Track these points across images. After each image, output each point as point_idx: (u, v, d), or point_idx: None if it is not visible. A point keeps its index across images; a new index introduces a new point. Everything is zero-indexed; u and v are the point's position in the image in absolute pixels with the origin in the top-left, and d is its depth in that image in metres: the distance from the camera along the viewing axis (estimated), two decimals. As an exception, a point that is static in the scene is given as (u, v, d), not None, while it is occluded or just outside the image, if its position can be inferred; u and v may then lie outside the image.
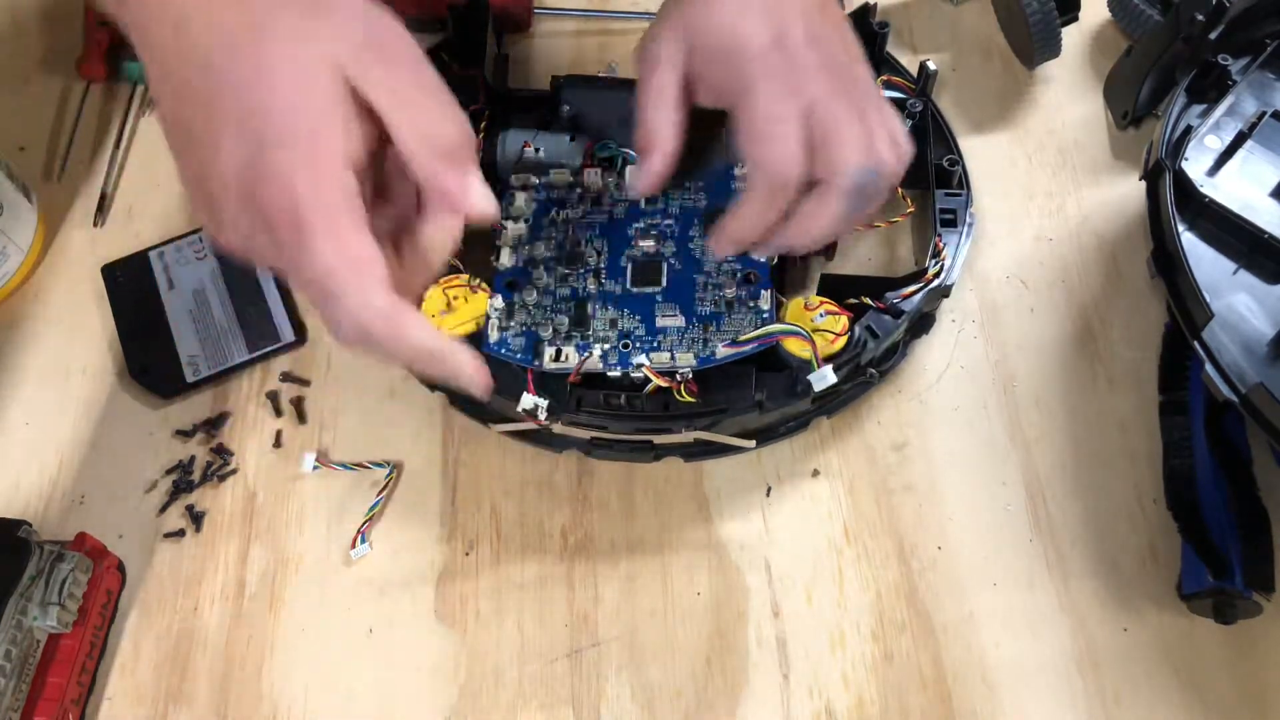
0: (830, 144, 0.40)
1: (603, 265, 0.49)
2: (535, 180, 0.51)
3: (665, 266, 0.49)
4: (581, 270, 0.49)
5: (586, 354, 0.46)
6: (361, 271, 0.34)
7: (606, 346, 0.47)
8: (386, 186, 0.38)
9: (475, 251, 0.53)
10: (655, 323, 0.47)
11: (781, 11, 0.41)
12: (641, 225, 0.50)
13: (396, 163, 0.37)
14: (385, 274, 0.34)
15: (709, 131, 0.46)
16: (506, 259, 0.49)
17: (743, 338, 0.46)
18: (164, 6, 0.35)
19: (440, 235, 0.37)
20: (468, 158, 0.36)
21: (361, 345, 0.35)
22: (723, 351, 0.46)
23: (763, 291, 0.47)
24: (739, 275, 0.48)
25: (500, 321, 0.47)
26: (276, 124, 0.33)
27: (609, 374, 0.46)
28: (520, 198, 0.51)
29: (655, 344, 0.47)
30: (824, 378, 0.45)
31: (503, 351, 0.47)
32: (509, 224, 0.50)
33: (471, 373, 0.37)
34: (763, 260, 0.48)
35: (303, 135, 0.33)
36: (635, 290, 0.48)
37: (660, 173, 0.43)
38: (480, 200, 0.37)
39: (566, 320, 0.47)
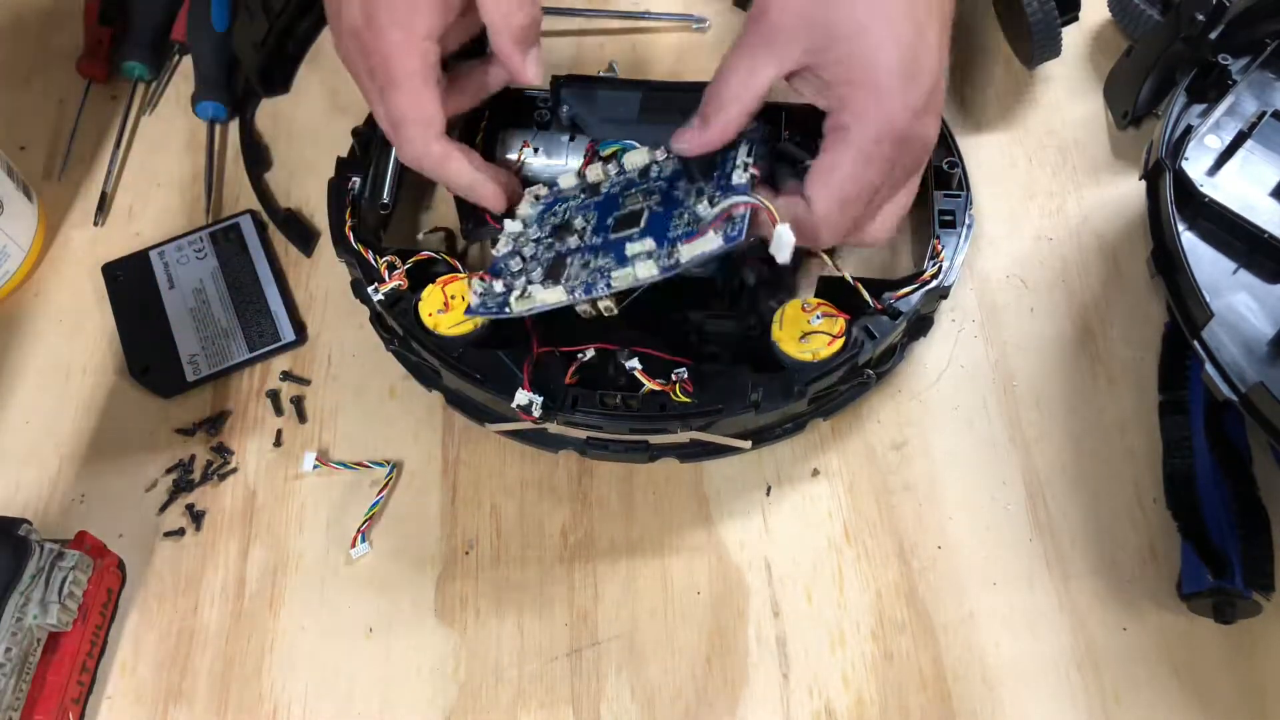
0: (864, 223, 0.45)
1: (589, 227, 0.48)
2: (543, 190, 0.51)
3: (646, 212, 0.47)
4: (567, 237, 0.48)
5: (556, 291, 0.45)
6: (425, 124, 0.45)
7: (575, 283, 0.45)
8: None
9: (476, 253, 0.53)
10: (625, 253, 0.45)
11: (920, 80, 0.41)
12: (633, 191, 0.48)
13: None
14: (442, 126, 0.46)
15: None
16: (503, 247, 0.49)
17: (702, 225, 0.42)
18: None
19: (494, 81, 0.50)
20: (533, 38, 0.47)
21: (420, 170, 0.47)
22: (684, 250, 0.42)
23: (736, 173, 0.44)
24: (716, 199, 0.44)
25: (484, 288, 0.47)
26: None
27: (578, 309, 0.46)
28: (526, 204, 0.51)
29: (611, 274, 0.44)
30: (781, 240, 0.40)
31: (481, 310, 0.47)
32: (509, 221, 0.50)
33: (491, 198, 0.49)
34: (742, 183, 0.44)
35: (401, 5, 0.43)
36: (614, 238, 0.46)
37: (711, 146, 0.45)
38: (534, 77, 0.47)
39: (542, 271, 0.47)
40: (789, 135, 0.56)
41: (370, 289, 0.49)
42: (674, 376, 0.45)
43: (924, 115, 0.42)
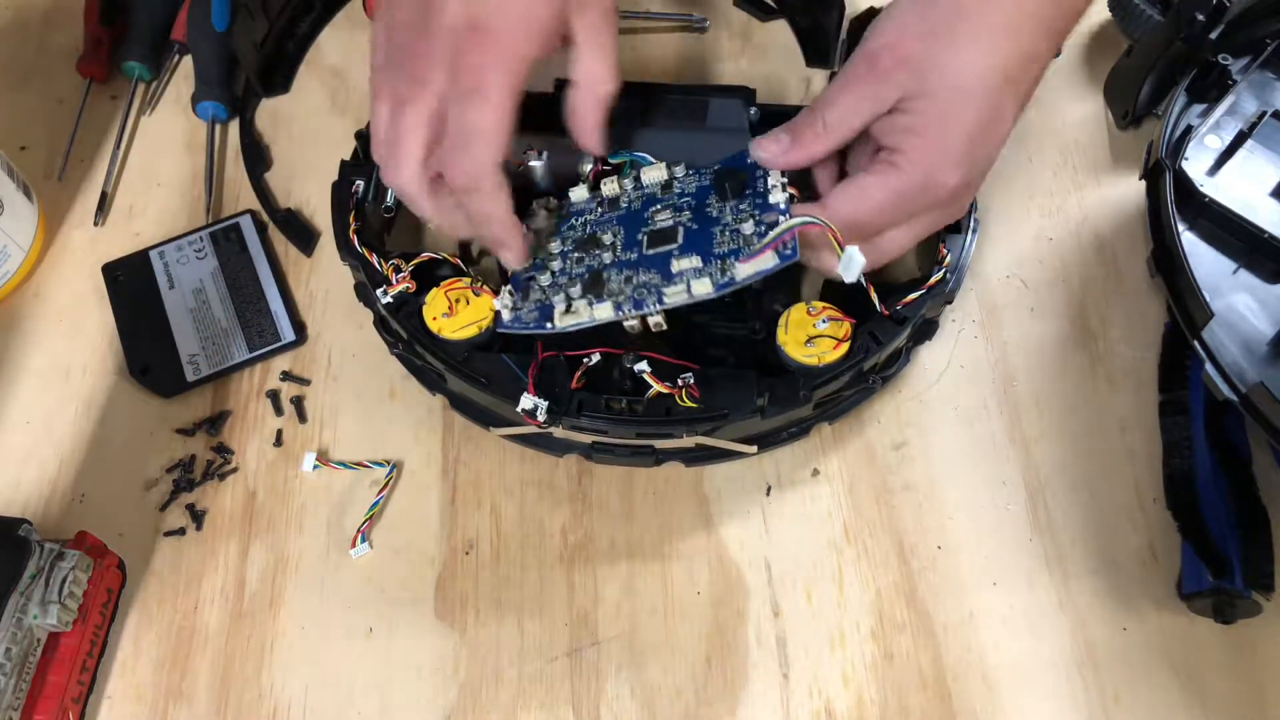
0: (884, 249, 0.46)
1: (618, 241, 0.47)
2: (553, 203, 0.51)
3: (681, 229, 0.47)
4: (596, 251, 0.47)
5: (594, 311, 0.45)
6: (498, 144, 0.42)
7: (620, 298, 0.45)
8: None
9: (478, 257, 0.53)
10: (670, 268, 0.45)
11: (978, 157, 0.43)
12: (658, 206, 0.48)
13: None
14: (508, 149, 0.43)
15: None
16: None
17: (758, 245, 0.43)
18: None
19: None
20: (609, 104, 0.46)
21: (465, 188, 0.43)
22: (742, 269, 0.43)
23: (781, 217, 0.44)
24: (758, 216, 0.45)
25: (515, 303, 0.47)
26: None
27: (625, 323, 0.45)
28: (541, 215, 0.50)
29: (662, 291, 0.44)
30: (851, 261, 0.41)
31: (516, 325, 0.46)
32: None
33: (519, 248, 0.47)
34: (780, 204, 0.45)
35: (516, 20, 0.42)
36: (650, 253, 0.46)
37: (793, 164, 0.45)
38: (602, 148, 0.47)
39: (580, 286, 0.46)
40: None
41: (379, 292, 0.49)
42: (680, 381, 0.45)
43: (968, 190, 0.44)
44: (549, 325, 0.45)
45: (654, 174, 0.49)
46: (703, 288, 0.43)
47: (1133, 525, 0.49)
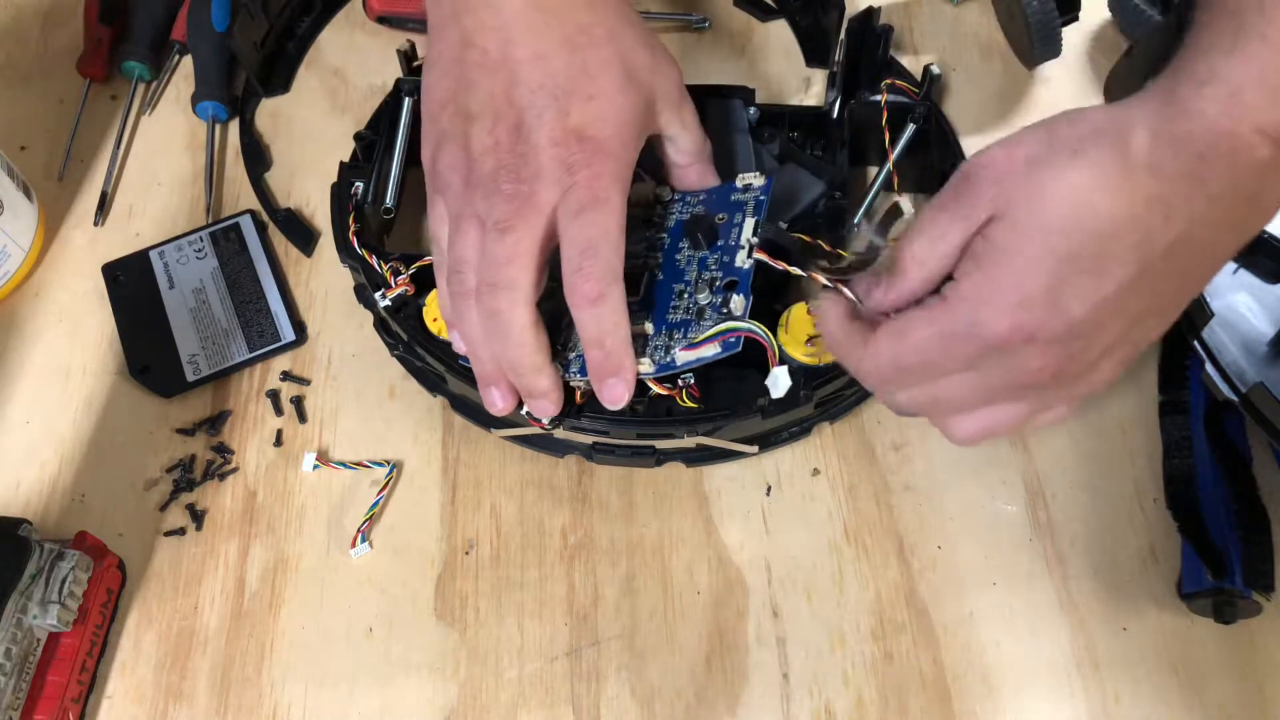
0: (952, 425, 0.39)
1: None
2: None
3: (646, 276, 0.46)
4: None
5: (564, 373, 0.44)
6: (622, 247, 0.41)
7: (572, 355, 0.44)
8: None
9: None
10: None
11: (1054, 309, 0.34)
12: (633, 239, 0.46)
13: None
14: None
15: None
16: None
17: (698, 338, 0.42)
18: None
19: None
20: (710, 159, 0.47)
21: (595, 299, 0.40)
22: (681, 355, 0.42)
23: (735, 297, 0.43)
24: (718, 282, 0.44)
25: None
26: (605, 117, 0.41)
27: (571, 384, 0.44)
28: None
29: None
30: (777, 381, 0.43)
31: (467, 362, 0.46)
32: None
33: (556, 395, 0.44)
34: (745, 267, 0.43)
35: (616, 123, 0.41)
36: None
37: (889, 305, 0.38)
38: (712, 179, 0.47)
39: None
40: (793, 138, 0.56)
41: (377, 294, 0.49)
42: (680, 381, 0.45)
43: (1032, 344, 0.34)
44: None
45: (641, 191, 0.47)
46: (644, 367, 0.43)
47: (1133, 525, 0.49)
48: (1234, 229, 0.35)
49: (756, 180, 0.46)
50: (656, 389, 0.45)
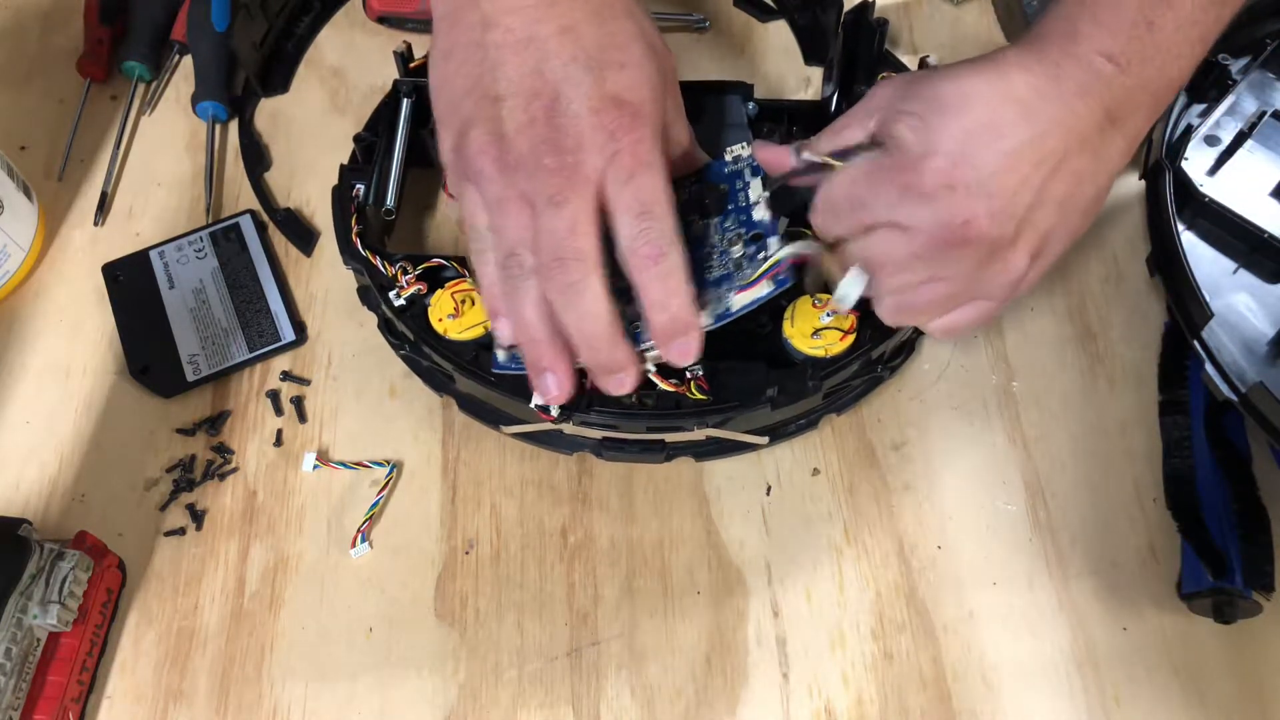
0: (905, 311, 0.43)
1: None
2: None
3: None
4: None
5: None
6: (674, 209, 0.41)
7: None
8: None
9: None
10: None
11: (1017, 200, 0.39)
12: None
13: None
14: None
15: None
16: None
17: (749, 279, 0.42)
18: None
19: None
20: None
21: (656, 257, 0.40)
22: (737, 299, 0.42)
23: (769, 240, 0.44)
24: (745, 236, 0.45)
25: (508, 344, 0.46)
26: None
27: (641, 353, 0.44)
28: None
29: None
30: (848, 291, 0.42)
31: (512, 366, 0.45)
32: None
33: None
34: (765, 219, 0.44)
35: (649, 88, 0.41)
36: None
37: (781, 165, 0.44)
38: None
39: None
40: (794, 132, 0.56)
41: (391, 294, 0.49)
42: (688, 375, 0.46)
43: (954, 191, 0.39)
44: None
45: None
46: (703, 319, 0.42)
47: (1133, 525, 0.49)
48: (1100, 134, 0.40)
49: (744, 150, 0.46)
50: (663, 385, 0.45)
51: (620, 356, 0.42)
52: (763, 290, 0.42)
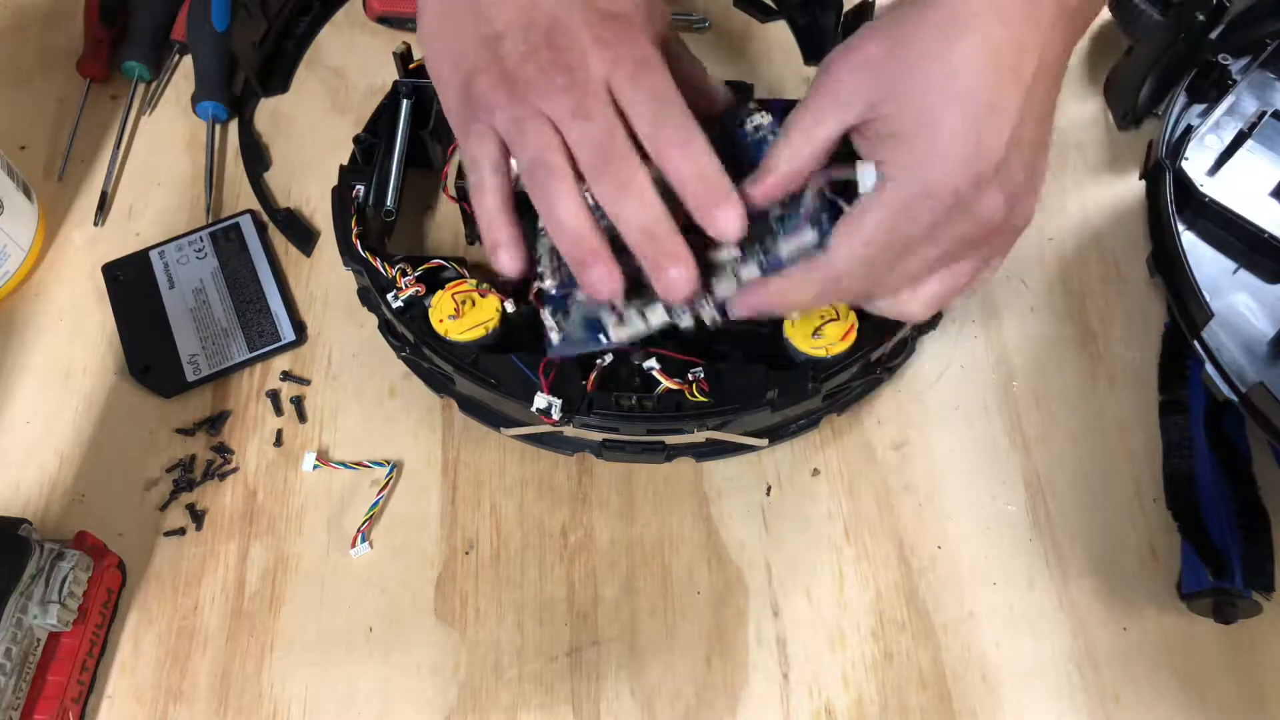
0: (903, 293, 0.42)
1: None
2: None
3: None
4: (623, 258, 0.43)
5: (645, 319, 0.43)
6: (679, 99, 0.40)
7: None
8: None
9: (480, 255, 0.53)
10: (709, 261, 0.43)
11: (983, 150, 0.38)
12: (671, 203, 0.47)
13: None
14: None
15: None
16: (550, 280, 0.46)
17: (791, 229, 0.42)
18: None
19: None
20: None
21: (681, 144, 0.40)
22: (785, 247, 0.42)
23: (804, 196, 0.43)
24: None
25: (560, 323, 0.45)
26: None
27: (681, 324, 0.44)
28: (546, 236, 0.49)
29: (712, 282, 0.43)
30: (866, 176, 0.41)
31: (566, 348, 0.44)
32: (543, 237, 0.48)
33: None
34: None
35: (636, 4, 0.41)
36: None
37: (771, 197, 0.42)
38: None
39: (622, 294, 0.44)
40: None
41: (390, 296, 0.49)
42: (690, 376, 0.46)
43: (985, 187, 0.38)
44: (604, 340, 0.43)
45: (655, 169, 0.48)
46: (750, 272, 0.43)
47: (1133, 525, 0.49)
48: (1062, 63, 0.40)
49: (765, 119, 0.46)
50: (666, 383, 0.45)
51: (679, 246, 0.41)
52: (807, 236, 0.42)
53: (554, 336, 0.44)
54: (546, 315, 0.44)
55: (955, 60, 0.38)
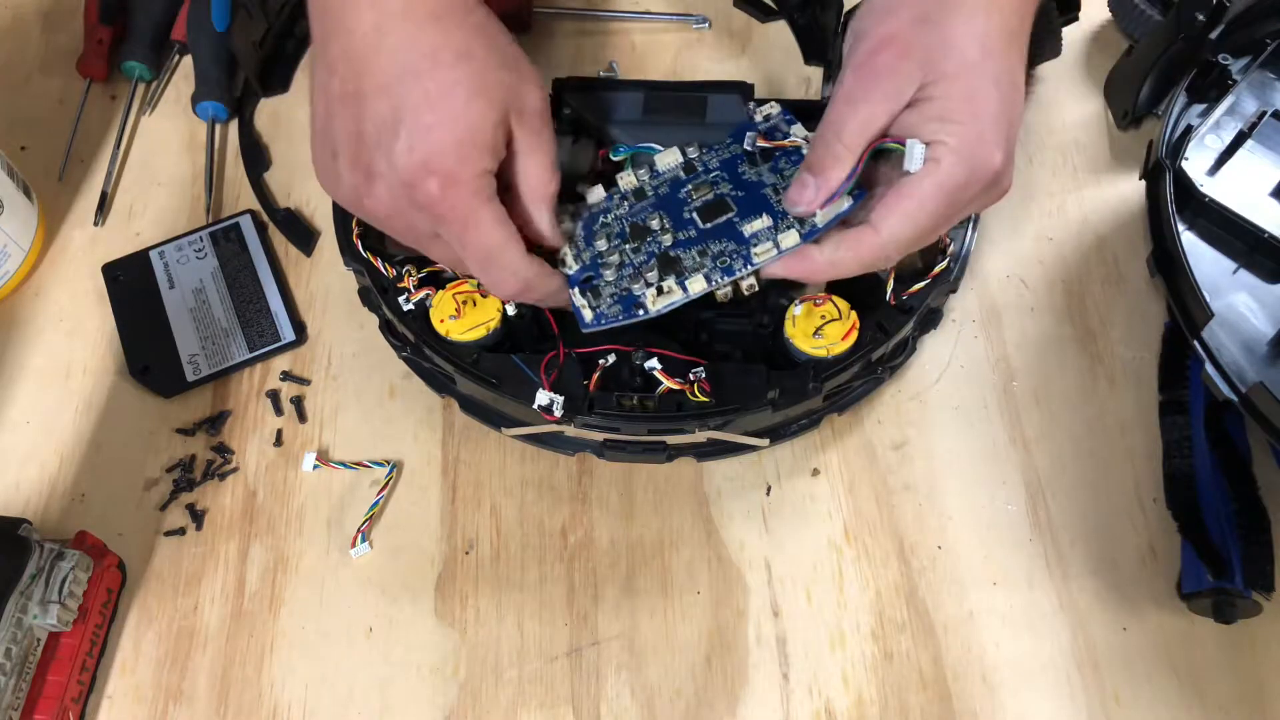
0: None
1: (668, 225, 0.48)
2: (572, 206, 0.50)
3: (729, 199, 0.48)
4: (650, 238, 0.48)
5: (687, 287, 0.46)
6: (515, 242, 0.43)
7: (707, 269, 0.46)
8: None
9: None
10: (742, 233, 0.46)
11: (1011, 124, 0.42)
12: (690, 186, 0.49)
13: None
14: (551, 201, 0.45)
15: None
16: (571, 263, 0.48)
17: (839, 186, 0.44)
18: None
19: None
20: (554, 204, 0.46)
21: (518, 295, 0.45)
22: (822, 215, 0.44)
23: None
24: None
25: (590, 302, 0.46)
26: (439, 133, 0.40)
27: (718, 293, 0.46)
28: (566, 221, 0.49)
29: (751, 250, 0.45)
30: (914, 153, 0.42)
31: (601, 322, 0.46)
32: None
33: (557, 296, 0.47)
34: None
35: (455, 144, 0.40)
36: (709, 225, 0.47)
37: (822, 201, 0.44)
38: (558, 240, 0.47)
39: (657, 269, 0.46)
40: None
41: (401, 299, 0.49)
42: (691, 376, 0.46)
43: (1009, 163, 0.42)
44: (641, 312, 0.46)
45: (668, 159, 0.50)
46: (790, 240, 0.45)
47: (1133, 525, 0.49)
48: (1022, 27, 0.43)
49: (774, 108, 0.49)
50: (668, 383, 0.45)
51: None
52: (844, 205, 0.44)
53: (587, 314, 0.46)
54: (576, 295, 0.47)
55: (988, 42, 0.40)
